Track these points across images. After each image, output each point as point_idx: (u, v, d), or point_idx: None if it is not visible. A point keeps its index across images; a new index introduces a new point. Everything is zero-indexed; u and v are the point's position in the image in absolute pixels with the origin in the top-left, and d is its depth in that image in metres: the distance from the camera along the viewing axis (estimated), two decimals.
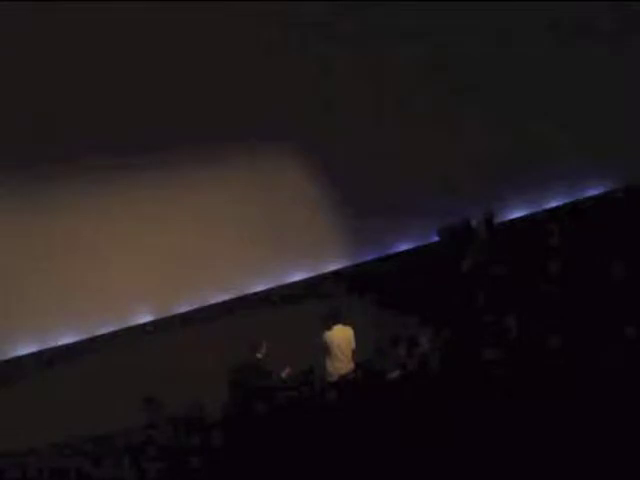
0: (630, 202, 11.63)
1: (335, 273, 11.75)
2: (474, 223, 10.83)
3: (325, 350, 8.44)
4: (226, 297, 11.07)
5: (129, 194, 10.32)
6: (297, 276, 11.54)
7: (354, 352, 8.50)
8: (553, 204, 12.86)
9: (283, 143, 11.06)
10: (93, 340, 10.34)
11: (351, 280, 11.36)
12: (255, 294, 11.18)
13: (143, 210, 10.42)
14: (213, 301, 11.00)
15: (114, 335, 10.43)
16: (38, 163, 9.55)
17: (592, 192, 13.22)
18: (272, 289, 11.30)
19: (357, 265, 11.84)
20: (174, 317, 10.78)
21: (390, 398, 6.98)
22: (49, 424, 8.31)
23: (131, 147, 9.97)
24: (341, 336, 8.41)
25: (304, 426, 6.73)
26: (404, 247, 12.00)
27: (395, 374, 7.80)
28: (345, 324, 8.47)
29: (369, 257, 11.93)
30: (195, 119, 10.28)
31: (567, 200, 12.99)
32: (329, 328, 8.41)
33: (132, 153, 10.02)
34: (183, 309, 10.86)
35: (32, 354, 10.09)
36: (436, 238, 11.33)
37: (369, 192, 11.33)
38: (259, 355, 8.20)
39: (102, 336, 10.39)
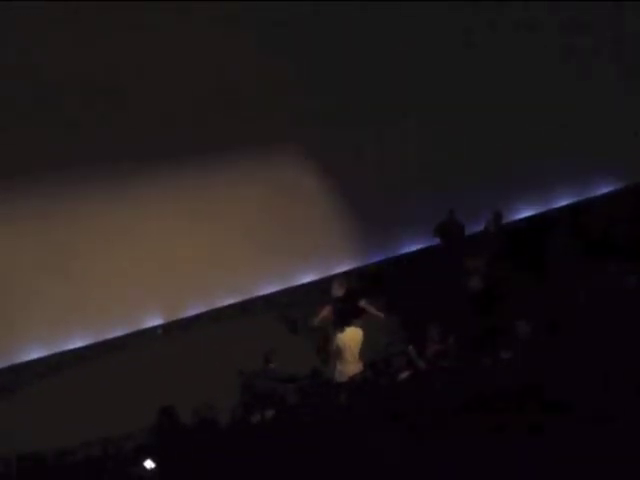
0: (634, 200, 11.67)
1: (343, 274, 11.74)
2: (486, 223, 10.93)
3: (336, 352, 8.44)
4: (235, 299, 11.06)
5: (139, 198, 10.32)
6: (305, 278, 11.54)
7: (360, 352, 8.52)
8: (559, 204, 12.89)
9: (290, 147, 11.07)
10: (103, 344, 10.34)
11: (360, 281, 11.36)
12: (264, 296, 11.17)
13: (152, 213, 10.42)
14: (222, 304, 11.00)
15: (124, 338, 10.43)
16: (48, 169, 9.55)
17: (598, 191, 13.25)
18: (281, 291, 11.29)
19: (365, 266, 11.85)
20: (183, 320, 10.79)
21: (400, 398, 6.96)
22: (59, 428, 8.33)
23: (142, 152, 9.98)
24: (352, 338, 8.42)
25: (315, 429, 6.71)
26: (412, 248, 12.00)
27: (405, 374, 7.79)
28: (355, 325, 8.49)
29: (377, 258, 11.94)
30: (206, 125, 10.27)
31: (573, 199, 13.01)
32: (341, 330, 8.41)
33: (142, 158, 10.03)
34: (192, 312, 10.86)
35: (41, 359, 10.09)
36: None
37: (377, 193, 11.36)
38: (272, 365, 8.36)
39: (112, 339, 10.39)
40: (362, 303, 9.35)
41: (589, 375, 5.71)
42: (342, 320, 8.46)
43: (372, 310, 9.39)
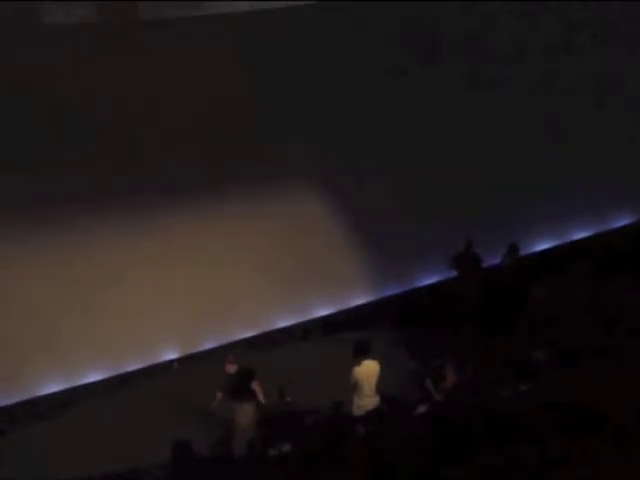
0: None
1: (359, 308, 11.72)
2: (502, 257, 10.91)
3: (353, 385, 8.38)
4: (250, 333, 11.04)
5: (156, 231, 10.36)
6: (321, 311, 11.51)
7: (377, 386, 8.48)
8: (579, 236, 12.85)
9: (303, 180, 11.12)
10: (118, 378, 10.32)
11: (376, 314, 11.33)
12: (279, 330, 11.15)
13: (169, 247, 10.45)
14: (237, 337, 10.97)
15: (139, 372, 10.41)
16: (69, 198, 9.61)
17: (617, 224, 13.22)
18: (296, 325, 11.26)
19: (381, 299, 11.81)
20: (200, 353, 10.77)
21: (418, 432, 6.88)
22: (75, 462, 8.31)
23: (159, 186, 10.07)
24: (369, 371, 8.36)
25: (333, 462, 6.64)
26: (428, 281, 11.96)
27: (423, 408, 7.71)
28: (372, 358, 8.44)
29: (393, 291, 11.90)
30: (222, 158, 10.36)
31: (593, 232, 12.96)
32: (358, 363, 8.37)
33: (160, 192, 10.11)
34: (208, 346, 10.84)
35: (57, 392, 10.07)
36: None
37: (393, 227, 11.35)
38: (289, 399, 8.38)
39: (127, 373, 10.37)
40: (254, 385, 8.58)
41: (611, 406, 5.64)
42: (357, 353, 8.40)
43: (260, 396, 8.58)
